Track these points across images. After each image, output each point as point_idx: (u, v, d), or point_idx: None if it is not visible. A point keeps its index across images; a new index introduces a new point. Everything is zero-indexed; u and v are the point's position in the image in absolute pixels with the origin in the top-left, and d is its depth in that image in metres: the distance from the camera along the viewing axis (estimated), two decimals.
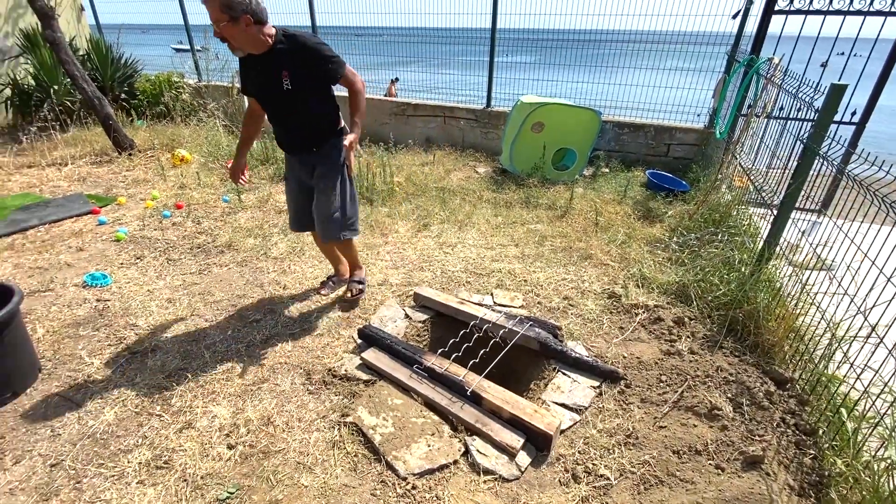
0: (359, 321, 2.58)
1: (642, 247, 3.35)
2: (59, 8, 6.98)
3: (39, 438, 1.84)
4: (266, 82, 2.09)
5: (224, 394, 2.06)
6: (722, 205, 3.55)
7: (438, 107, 5.97)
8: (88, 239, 3.47)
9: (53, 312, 2.61)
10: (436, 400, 1.96)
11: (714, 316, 2.53)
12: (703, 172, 4.43)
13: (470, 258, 3.26)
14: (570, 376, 2.16)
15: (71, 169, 4.97)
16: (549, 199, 4.21)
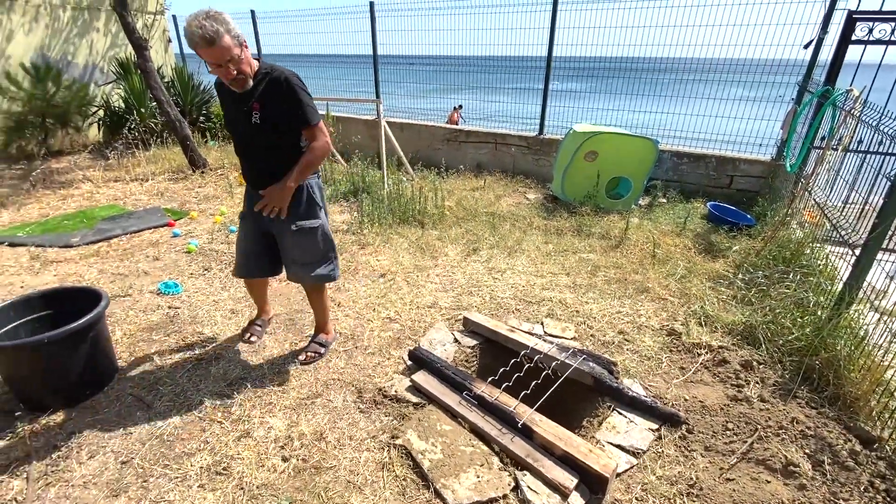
0: (409, 342, 2.60)
1: (704, 282, 3.19)
2: (151, 40, 7.77)
3: (113, 436, 1.97)
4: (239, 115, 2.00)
5: (280, 406, 2.12)
6: (793, 242, 3.34)
7: (490, 133, 6.06)
8: (164, 249, 3.75)
9: (131, 316, 2.82)
10: (485, 430, 1.93)
11: (786, 362, 2.35)
12: (770, 206, 4.20)
13: (519, 285, 3.23)
14: (627, 416, 2.06)
15: (151, 184, 5.43)
16: (603, 228, 4.13)
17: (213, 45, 1.75)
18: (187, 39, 1.78)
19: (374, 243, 3.88)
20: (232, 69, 1.84)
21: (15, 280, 3.28)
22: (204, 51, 1.78)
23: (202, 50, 1.78)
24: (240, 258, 2.35)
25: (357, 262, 3.54)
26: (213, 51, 1.77)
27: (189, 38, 1.76)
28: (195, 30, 1.73)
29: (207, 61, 1.82)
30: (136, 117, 6.62)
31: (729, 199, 4.78)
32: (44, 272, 3.38)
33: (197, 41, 1.75)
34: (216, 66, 1.83)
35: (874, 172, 2.69)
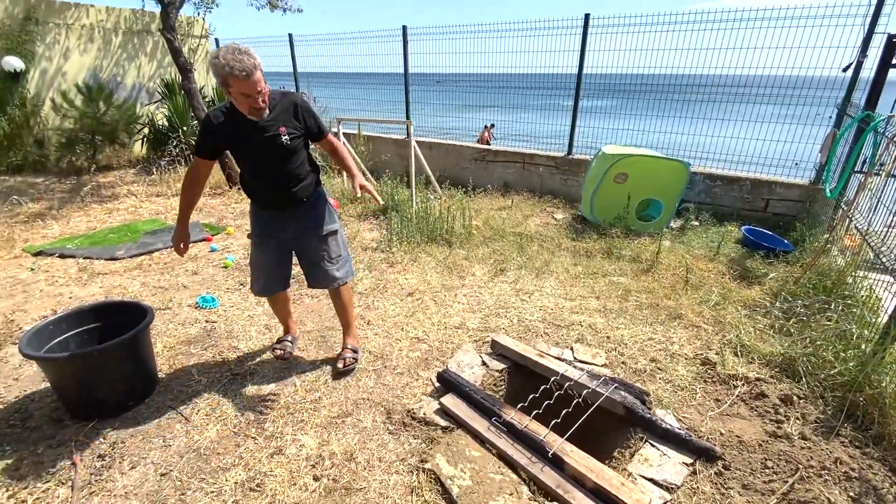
0: (437, 363, 2.62)
1: (739, 310, 3.10)
2: (196, 63, 8.19)
3: (153, 447, 2.04)
4: (263, 140, 2.08)
5: (311, 423, 2.16)
6: (834, 270, 3.22)
7: (518, 153, 6.10)
8: (202, 264, 3.90)
9: (171, 329, 2.93)
10: (514, 457, 1.92)
11: (828, 397, 2.26)
12: (809, 232, 4.07)
13: (548, 308, 3.21)
14: (660, 449, 2.01)
15: None
16: (634, 250, 4.08)
17: (250, 77, 1.87)
18: (222, 71, 1.84)
19: (403, 261, 3.93)
20: (261, 99, 1.96)
21: (64, 291, 3.46)
22: (242, 83, 1.88)
23: (240, 82, 1.87)
24: (264, 277, 2.40)
25: (386, 280, 3.60)
26: (250, 83, 1.89)
27: (227, 71, 1.83)
28: (235, 63, 1.82)
29: (240, 92, 1.91)
30: (178, 135, 6.95)
31: (764, 224, 4.66)
32: (91, 284, 3.57)
33: (237, 74, 1.84)
34: (247, 97, 1.93)
35: None
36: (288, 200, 2.25)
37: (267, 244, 2.34)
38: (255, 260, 2.40)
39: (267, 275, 2.39)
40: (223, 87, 1.93)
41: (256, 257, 2.39)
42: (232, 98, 1.98)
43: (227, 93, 1.95)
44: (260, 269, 2.39)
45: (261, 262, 2.37)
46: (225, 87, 1.93)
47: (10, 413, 2.23)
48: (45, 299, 3.34)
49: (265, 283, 2.41)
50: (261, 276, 2.39)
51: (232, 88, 1.91)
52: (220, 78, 1.88)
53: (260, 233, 2.34)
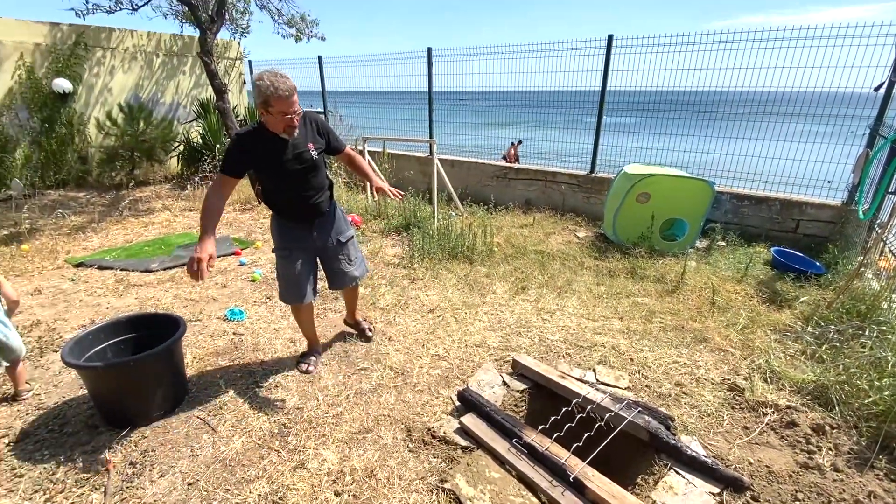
0: (457, 381, 2.63)
1: (769, 334, 3.02)
2: (230, 83, 8.57)
3: (181, 457, 2.11)
4: (292, 157, 2.24)
5: (333, 438, 2.20)
6: (868, 294, 3.11)
7: (540, 171, 6.13)
8: (231, 277, 4.03)
9: (200, 341, 3.03)
10: (535, 480, 1.91)
11: (862, 427, 2.17)
12: (841, 254, 3.94)
13: (570, 328, 3.19)
14: (685, 477, 1.96)
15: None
16: (658, 271, 4.02)
17: (290, 97, 2.07)
18: (267, 91, 2.01)
19: (424, 278, 3.98)
20: (296, 118, 2.15)
21: (102, 301, 3.63)
22: (283, 102, 2.06)
23: (282, 102, 2.05)
24: (296, 288, 2.49)
25: (407, 296, 3.64)
26: (290, 102, 2.08)
27: (271, 91, 2.01)
28: (279, 84, 2.02)
29: (280, 111, 2.08)
30: (211, 152, 7.24)
31: (795, 245, 4.53)
32: (126, 295, 3.72)
33: (280, 94, 2.03)
34: (285, 115, 2.10)
35: None
36: (313, 211, 2.44)
37: (296, 255, 2.46)
38: (286, 271, 2.49)
39: (297, 284, 2.50)
40: (263, 106, 2.08)
41: (287, 269, 2.48)
42: (268, 117, 2.11)
43: (265, 112, 2.10)
44: (292, 279, 2.49)
45: (292, 272, 2.47)
46: (265, 107, 2.07)
47: (49, 419, 2.34)
48: (85, 309, 3.50)
49: (298, 292, 2.51)
50: (292, 286, 2.50)
51: (272, 108, 2.07)
52: (263, 97, 2.04)
53: (288, 245, 2.46)
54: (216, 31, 5.97)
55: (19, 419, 2.34)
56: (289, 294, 2.53)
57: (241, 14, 6.90)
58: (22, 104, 6.81)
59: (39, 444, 2.17)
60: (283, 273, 2.51)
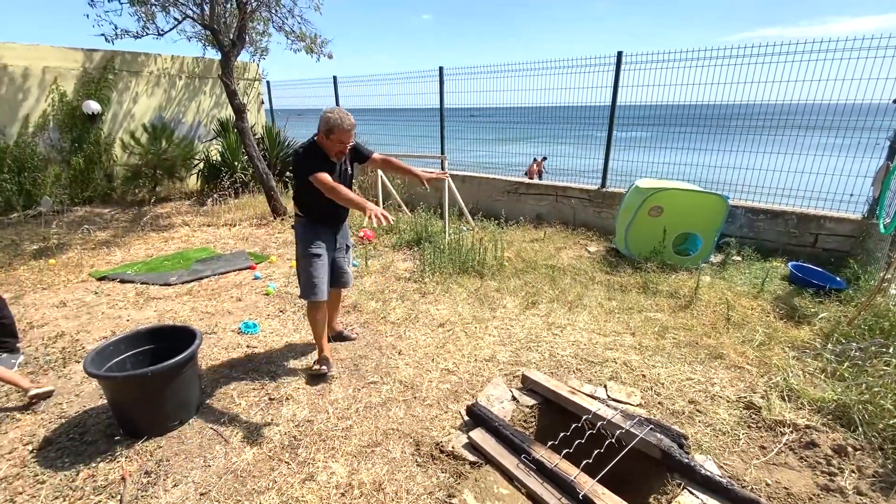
0: (466, 396, 2.62)
1: (786, 351, 2.95)
2: (248, 103, 8.85)
3: (194, 467, 2.14)
4: (340, 171, 2.69)
5: (342, 451, 2.21)
6: (892, 311, 3.02)
7: (551, 186, 6.15)
8: (245, 291, 4.11)
9: (215, 353, 3.10)
10: (544, 497, 1.88)
11: (887, 449, 2.10)
12: (863, 269, 3.85)
13: (580, 343, 3.17)
14: (699, 497, 1.92)
15: (238, 229, 6.02)
16: (671, 286, 3.97)
17: (351, 131, 2.55)
18: (334, 122, 2.48)
19: (435, 292, 4.00)
20: (349, 147, 2.62)
21: (123, 314, 3.73)
22: (345, 134, 2.52)
23: (345, 133, 2.52)
24: (323, 284, 2.75)
25: (418, 311, 3.66)
26: (350, 134, 2.55)
27: (338, 122, 2.49)
28: (346, 119, 2.51)
29: (339, 139, 2.52)
30: (230, 170, 7.46)
31: (814, 260, 4.44)
32: (146, 307, 3.83)
33: (345, 127, 2.51)
34: (342, 143, 2.55)
35: None
36: (340, 219, 2.87)
37: (324, 256, 2.76)
38: (317, 271, 2.72)
39: (325, 281, 2.77)
40: (326, 133, 2.51)
41: (318, 268, 2.72)
42: (326, 142, 2.54)
43: (325, 137, 2.53)
44: (321, 277, 2.73)
45: (322, 271, 2.73)
46: (327, 134, 2.51)
47: (70, 427, 2.40)
48: (106, 321, 3.60)
49: (323, 288, 2.75)
50: (321, 283, 2.73)
51: (333, 136, 2.51)
52: (329, 126, 2.49)
53: (319, 247, 2.73)
54: (237, 54, 6.20)
55: (42, 427, 2.41)
56: (318, 291, 2.72)
57: (261, 36, 7.15)
58: (54, 126, 7.14)
59: (61, 452, 2.23)
60: (312, 272, 2.71)
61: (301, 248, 2.72)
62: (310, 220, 2.73)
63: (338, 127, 2.48)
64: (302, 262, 2.73)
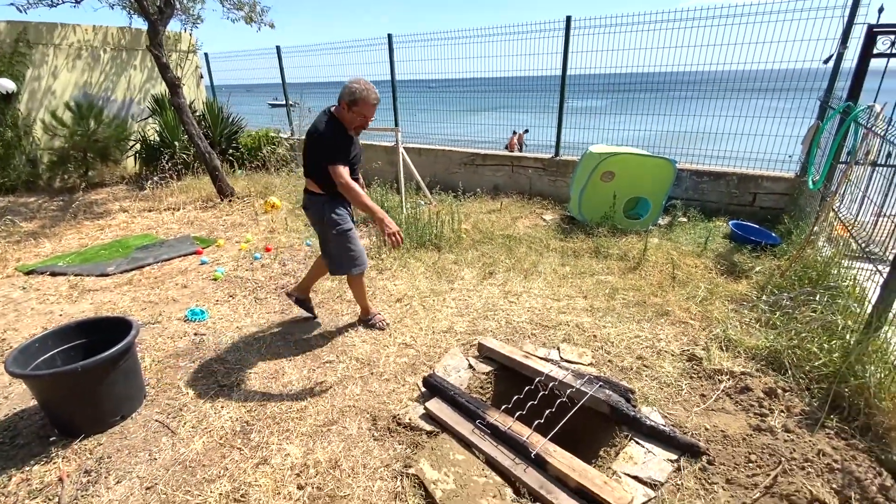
0: (424, 368, 2.63)
1: (726, 305, 3.11)
2: (184, 77, 8.25)
3: (139, 461, 2.05)
4: (356, 149, 2.66)
5: (297, 432, 2.17)
6: (820, 262, 3.23)
7: (507, 156, 6.14)
8: (192, 277, 3.91)
9: (159, 343, 2.94)
10: (498, 459, 1.93)
11: (813, 389, 2.27)
12: (795, 224, 4.09)
13: (535, 308, 3.22)
14: (644, 446, 2.02)
15: (182, 213, 5.69)
16: (621, 249, 4.09)
17: (375, 105, 2.52)
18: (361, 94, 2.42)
19: (392, 268, 3.95)
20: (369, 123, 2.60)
21: (55, 308, 3.47)
22: (370, 108, 2.49)
23: (370, 107, 2.48)
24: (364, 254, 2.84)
25: (375, 287, 3.61)
26: (374, 109, 2.53)
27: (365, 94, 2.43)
28: (373, 93, 2.47)
29: (363, 113, 2.48)
30: (169, 150, 6.98)
31: (752, 218, 4.68)
32: (81, 301, 3.58)
33: (372, 101, 2.47)
34: (365, 118, 2.51)
35: None
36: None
37: (355, 231, 2.80)
38: (355, 244, 2.77)
39: (364, 251, 2.85)
40: (350, 105, 2.44)
41: (356, 240, 2.79)
42: (347, 114, 2.47)
43: (347, 109, 2.46)
44: (360, 247, 2.81)
45: (358, 244, 2.80)
46: (350, 105, 2.44)
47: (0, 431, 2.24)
48: (36, 317, 3.35)
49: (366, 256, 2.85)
50: (363, 251, 2.83)
51: (357, 108, 2.45)
52: (354, 98, 2.42)
53: (349, 223, 2.75)
54: (166, 22, 5.71)
55: None
56: (363, 261, 2.81)
57: (192, 2, 6.61)
58: None
59: None
60: (352, 246, 2.76)
61: (333, 226, 2.67)
62: (333, 198, 2.66)
63: (363, 100, 2.42)
64: (339, 239, 2.71)
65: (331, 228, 2.67)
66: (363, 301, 3.03)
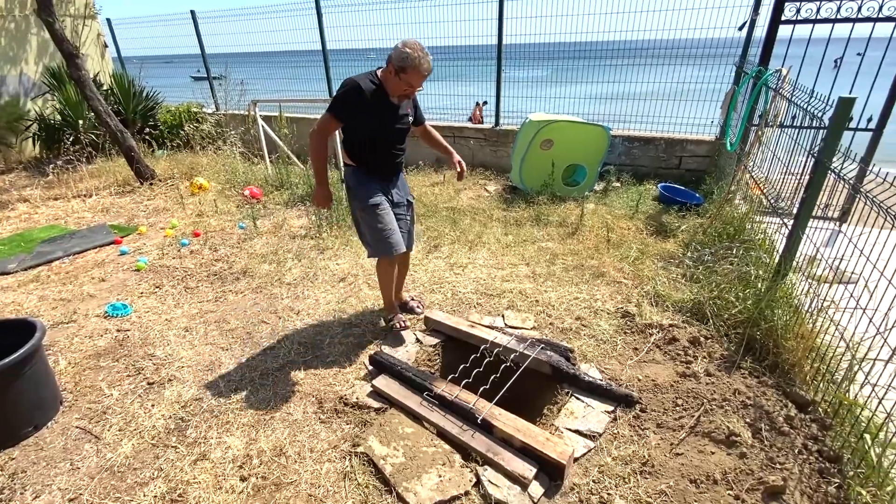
0: (371, 347, 2.59)
1: (656, 263, 3.30)
2: (84, 47, 7.35)
3: (59, 472, 1.88)
4: (396, 118, 2.34)
5: (238, 424, 2.08)
6: (736, 218, 3.49)
7: (448, 127, 6.05)
8: (111, 269, 3.58)
9: (76, 344, 2.69)
10: (447, 428, 1.95)
11: (731, 335, 2.47)
12: (716, 184, 4.37)
13: (481, 279, 3.26)
14: (584, 401, 2.12)
15: (95, 200, 5.16)
16: (560, 216, 4.20)
17: (425, 76, 2.19)
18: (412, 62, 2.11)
19: (334, 247, 3.82)
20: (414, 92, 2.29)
21: None
22: (418, 77, 2.17)
23: (418, 76, 2.16)
24: (395, 234, 2.46)
25: (316, 268, 3.49)
26: (422, 79, 2.19)
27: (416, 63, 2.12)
28: (425, 61, 2.14)
29: (409, 82, 2.18)
30: (76, 131, 6.26)
31: (679, 180, 4.95)
32: None
33: (423, 70, 2.15)
34: (411, 87, 2.21)
35: (803, 149, 2.84)
36: (396, 169, 2.53)
37: (385, 206, 2.45)
38: (384, 221, 2.43)
39: (397, 233, 2.47)
40: (398, 70, 2.14)
41: (386, 217, 2.44)
42: (393, 79, 2.18)
43: (393, 74, 2.16)
44: (392, 226, 2.45)
45: (389, 218, 2.45)
46: (399, 71, 2.14)
47: None
48: None
49: (399, 240, 2.47)
50: (392, 233, 2.45)
51: (405, 75, 2.15)
52: (403, 64, 2.12)
53: (379, 197, 2.43)
54: None
55: None
56: (394, 241, 2.44)
57: None
58: None
59: None
60: (379, 225, 2.42)
61: (357, 201, 2.43)
62: (363, 171, 2.43)
63: (413, 67, 2.12)
64: (364, 217, 2.44)
65: (354, 203, 2.47)
66: (384, 293, 2.70)
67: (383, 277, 2.63)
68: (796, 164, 2.88)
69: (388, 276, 2.62)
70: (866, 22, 3.61)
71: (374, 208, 2.40)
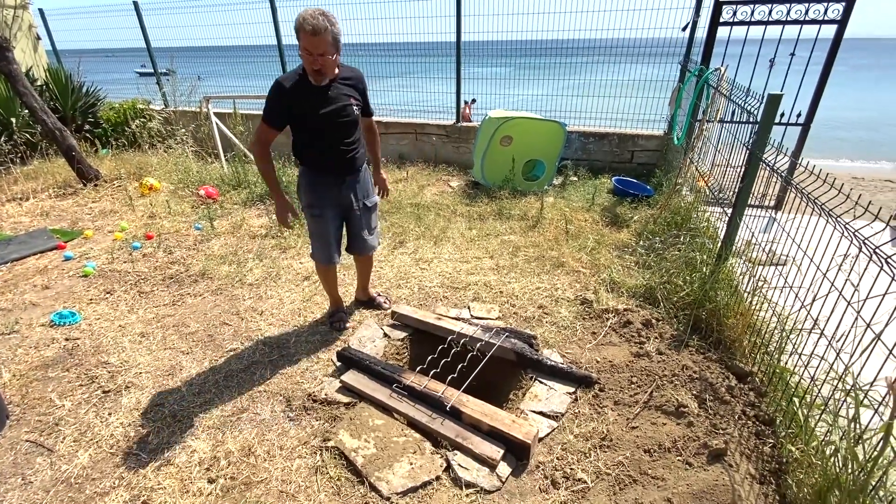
0: (338, 343, 2.59)
1: (611, 252, 3.47)
2: (15, 40, 6.84)
3: (10, 488, 1.79)
4: (326, 102, 2.18)
5: (203, 427, 2.04)
6: (683, 208, 3.71)
7: (409, 124, 6.06)
8: (54, 276, 3.38)
9: (20, 355, 2.54)
10: (416, 418, 2.00)
11: (680, 316, 2.64)
12: (665, 177, 4.62)
13: (446, 273, 3.32)
14: (547, 384, 2.22)
15: (33, 203, 4.84)
16: (521, 209, 4.32)
17: (315, 35, 1.96)
18: (297, 24, 1.97)
19: (297, 245, 3.77)
20: (320, 62, 2.03)
21: None
22: (307, 38, 1.97)
23: (307, 37, 1.97)
24: (329, 247, 2.46)
25: (279, 268, 3.43)
26: (313, 41, 1.97)
27: (299, 23, 1.96)
28: (308, 18, 1.94)
29: (304, 47, 2.00)
30: (8, 129, 5.81)
31: (632, 173, 5.19)
32: None
33: (307, 28, 1.94)
34: (308, 53, 2.01)
35: (741, 143, 3.06)
36: (346, 167, 2.36)
37: (327, 213, 2.40)
38: (319, 230, 2.43)
39: (330, 244, 2.46)
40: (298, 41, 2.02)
41: (320, 227, 2.42)
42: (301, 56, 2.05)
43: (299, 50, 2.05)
44: (324, 238, 2.44)
45: (325, 231, 2.42)
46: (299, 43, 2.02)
47: None
48: None
49: (331, 252, 2.47)
50: (324, 245, 2.45)
51: (299, 43, 2.01)
52: (295, 31, 2.00)
53: (318, 203, 2.38)
54: None
55: None
56: (322, 254, 2.48)
57: None
58: None
59: None
60: (315, 232, 2.46)
61: (301, 202, 2.43)
62: (307, 170, 2.36)
63: (300, 30, 1.96)
64: (307, 220, 2.45)
65: (302, 203, 2.42)
66: (325, 291, 2.76)
67: (321, 277, 2.70)
68: (736, 156, 3.11)
69: (324, 277, 2.67)
70: (794, 24, 3.92)
71: (309, 216, 2.43)
